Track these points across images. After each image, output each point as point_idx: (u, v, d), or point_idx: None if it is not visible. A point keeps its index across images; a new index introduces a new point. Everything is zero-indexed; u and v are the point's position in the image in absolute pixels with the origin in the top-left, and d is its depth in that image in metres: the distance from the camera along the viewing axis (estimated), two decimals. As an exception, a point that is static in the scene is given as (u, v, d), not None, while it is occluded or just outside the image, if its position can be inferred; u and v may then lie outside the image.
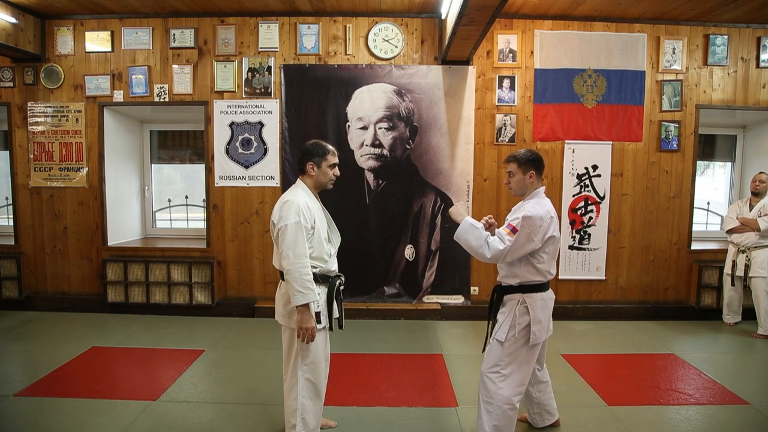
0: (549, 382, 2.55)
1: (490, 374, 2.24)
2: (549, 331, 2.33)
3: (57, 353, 3.55)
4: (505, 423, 2.20)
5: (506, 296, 2.31)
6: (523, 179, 2.32)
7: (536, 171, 2.31)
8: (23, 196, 4.62)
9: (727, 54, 4.46)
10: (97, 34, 4.48)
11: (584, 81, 4.43)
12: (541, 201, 2.27)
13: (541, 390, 2.52)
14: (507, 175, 2.38)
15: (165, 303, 4.56)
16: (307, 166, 2.28)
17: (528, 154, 2.33)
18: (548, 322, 2.30)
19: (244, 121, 4.48)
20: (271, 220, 2.22)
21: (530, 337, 2.20)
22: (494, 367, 2.24)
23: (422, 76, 4.40)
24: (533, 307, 2.22)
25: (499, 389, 2.20)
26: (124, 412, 2.72)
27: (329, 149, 2.31)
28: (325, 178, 2.30)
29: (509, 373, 2.21)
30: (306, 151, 2.30)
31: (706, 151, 5.16)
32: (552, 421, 2.58)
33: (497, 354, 2.24)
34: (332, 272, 2.33)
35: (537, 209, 2.20)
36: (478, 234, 2.22)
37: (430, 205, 4.47)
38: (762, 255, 4.12)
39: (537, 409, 2.54)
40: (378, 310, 4.45)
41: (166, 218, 5.30)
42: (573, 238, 4.55)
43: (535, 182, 2.32)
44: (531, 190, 2.32)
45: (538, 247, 2.19)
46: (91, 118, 4.52)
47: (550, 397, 2.56)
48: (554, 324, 4.52)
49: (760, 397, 2.96)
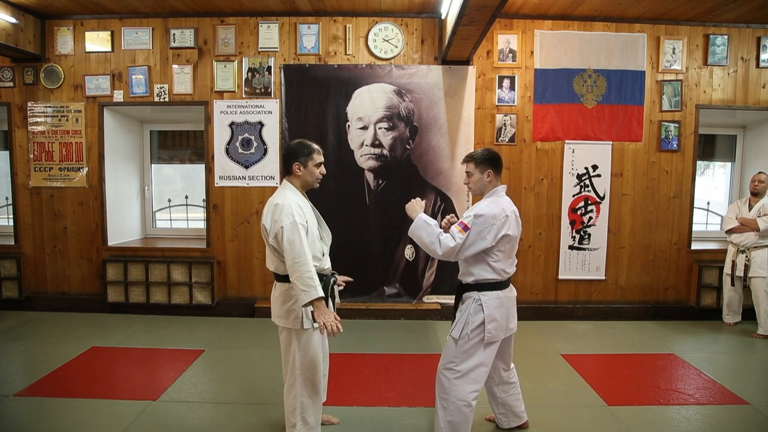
0: (516, 383, 2.52)
1: (444, 371, 2.25)
2: (509, 329, 2.32)
3: (57, 353, 3.55)
4: (460, 420, 2.20)
5: (465, 294, 2.32)
6: (481, 179, 2.33)
7: (494, 170, 2.32)
8: (23, 196, 4.62)
9: (727, 54, 4.46)
10: (97, 34, 4.48)
11: (584, 81, 4.43)
12: (497, 200, 2.28)
13: (506, 391, 2.48)
14: (466, 176, 2.39)
15: (165, 303, 4.56)
16: (293, 167, 2.27)
17: (485, 153, 2.34)
18: (506, 320, 2.28)
19: (244, 121, 4.48)
20: (262, 224, 2.19)
21: (485, 335, 2.19)
22: (449, 364, 2.24)
23: (422, 76, 4.40)
24: (488, 305, 2.22)
25: (453, 386, 2.21)
26: (124, 412, 2.72)
27: (315, 148, 2.31)
28: (311, 177, 2.30)
29: (464, 371, 2.21)
30: (291, 151, 2.29)
31: (706, 151, 5.16)
32: (519, 424, 2.53)
33: (452, 351, 2.25)
34: (326, 270, 2.33)
35: (491, 207, 2.21)
36: (430, 231, 2.23)
37: (430, 205, 4.47)
38: (761, 255, 4.12)
39: (502, 410, 2.51)
40: (378, 310, 4.45)
41: (166, 218, 5.30)
42: (573, 238, 4.55)
43: (494, 181, 2.33)
44: (489, 188, 2.33)
45: (492, 245, 2.19)
46: (91, 118, 4.52)
47: (517, 399, 2.52)
48: (554, 324, 4.55)
49: (760, 397, 2.96)
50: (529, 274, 4.58)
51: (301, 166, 2.27)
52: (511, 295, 2.34)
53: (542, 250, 4.56)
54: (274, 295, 2.32)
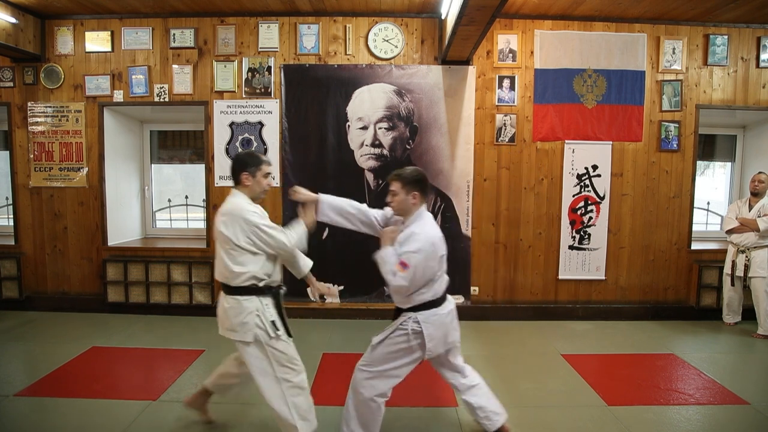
0: (480, 383, 2.49)
1: (361, 369, 2.28)
2: (449, 343, 2.32)
3: (57, 353, 3.55)
4: (364, 411, 2.25)
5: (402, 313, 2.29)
6: (405, 200, 2.26)
7: (420, 192, 2.26)
8: (23, 196, 4.62)
9: (727, 54, 4.46)
10: (97, 34, 4.48)
11: (584, 81, 4.43)
12: (424, 223, 2.24)
13: (475, 394, 2.45)
14: (390, 194, 2.30)
15: (165, 303, 4.56)
16: (242, 177, 2.28)
17: (414, 174, 2.28)
18: (446, 335, 2.29)
19: (244, 121, 4.48)
20: (218, 230, 2.20)
21: (425, 353, 2.22)
22: (365, 365, 2.27)
23: (422, 76, 4.40)
24: (426, 323, 2.22)
25: (362, 386, 2.24)
26: (124, 411, 2.72)
27: (264, 159, 2.34)
28: (259, 187, 2.32)
29: (376, 375, 2.24)
30: (240, 161, 2.31)
31: (706, 151, 5.16)
32: (503, 421, 2.48)
33: (371, 355, 2.28)
34: (275, 282, 2.34)
35: (424, 235, 2.17)
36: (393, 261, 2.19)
37: (430, 205, 4.47)
38: (761, 255, 4.12)
39: (482, 414, 2.46)
40: (378, 310, 4.45)
41: (166, 218, 5.30)
42: (573, 238, 4.55)
43: (418, 204, 2.27)
44: (413, 211, 2.27)
45: (438, 268, 2.21)
46: (91, 118, 4.53)
47: (489, 396, 2.49)
48: (554, 324, 4.55)
49: (760, 397, 2.97)
50: (529, 274, 4.58)
51: (250, 176, 2.28)
52: (448, 310, 2.32)
53: (542, 250, 4.56)
54: (224, 306, 2.27)
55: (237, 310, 2.21)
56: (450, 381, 2.47)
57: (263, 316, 2.21)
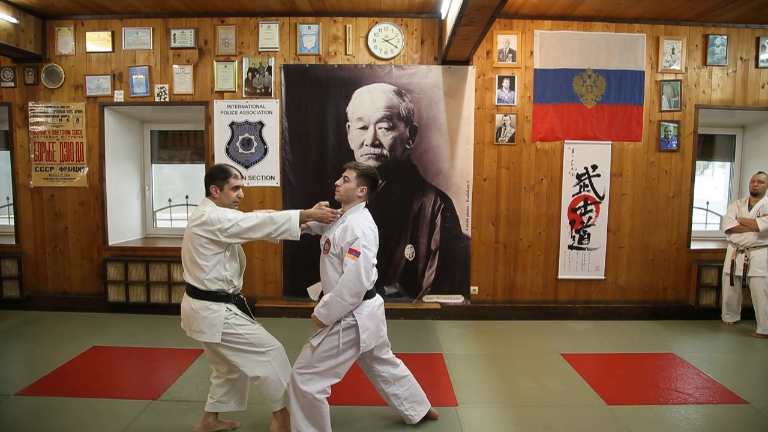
0: (409, 374, 2.58)
1: (298, 373, 2.27)
2: (380, 337, 2.38)
3: (58, 353, 3.56)
4: (310, 410, 2.26)
5: None
6: (354, 189, 2.35)
7: (368, 188, 2.37)
8: (24, 196, 4.63)
9: (726, 54, 4.47)
10: (97, 34, 4.49)
11: (584, 81, 4.44)
12: (364, 216, 2.34)
13: (404, 385, 2.54)
14: (342, 179, 2.38)
15: (165, 303, 4.57)
16: (210, 189, 2.39)
17: (369, 170, 2.39)
18: (378, 328, 2.35)
19: (244, 121, 4.49)
20: (192, 233, 2.26)
21: (360, 346, 2.24)
22: (303, 369, 2.27)
23: (422, 76, 4.41)
24: (360, 314, 2.26)
25: (303, 387, 2.24)
26: (124, 411, 2.73)
27: (232, 172, 2.40)
28: (228, 199, 2.39)
29: (316, 375, 2.25)
30: (209, 174, 2.43)
31: (705, 150, 5.17)
32: (426, 411, 2.58)
33: (307, 357, 2.27)
34: (238, 290, 2.43)
35: (365, 223, 2.27)
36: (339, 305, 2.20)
37: (430, 204, 4.48)
38: (761, 255, 4.13)
39: (408, 404, 2.54)
40: (378, 310, 4.45)
41: (166, 218, 5.31)
42: (572, 237, 4.55)
43: (364, 198, 2.38)
44: (356, 202, 2.37)
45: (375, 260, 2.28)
46: (92, 118, 4.53)
47: (417, 387, 2.58)
48: (554, 324, 4.56)
49: (759, 397, 2.97)
50: (529, 273, 4.59)
51: (217, 189, 2.38)
52: (379, 303, 2.41)
53: (542, 250, 4.57)
54: (190, 307, 2.34)
55: (204, 312, 2.31)
56: (381, 374, 2.51)
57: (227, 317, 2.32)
